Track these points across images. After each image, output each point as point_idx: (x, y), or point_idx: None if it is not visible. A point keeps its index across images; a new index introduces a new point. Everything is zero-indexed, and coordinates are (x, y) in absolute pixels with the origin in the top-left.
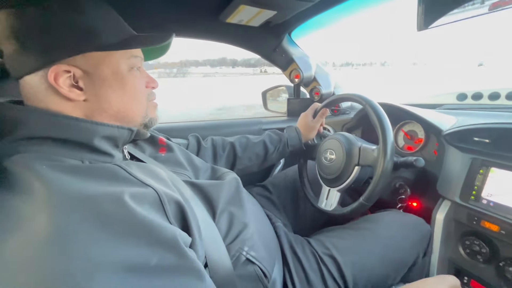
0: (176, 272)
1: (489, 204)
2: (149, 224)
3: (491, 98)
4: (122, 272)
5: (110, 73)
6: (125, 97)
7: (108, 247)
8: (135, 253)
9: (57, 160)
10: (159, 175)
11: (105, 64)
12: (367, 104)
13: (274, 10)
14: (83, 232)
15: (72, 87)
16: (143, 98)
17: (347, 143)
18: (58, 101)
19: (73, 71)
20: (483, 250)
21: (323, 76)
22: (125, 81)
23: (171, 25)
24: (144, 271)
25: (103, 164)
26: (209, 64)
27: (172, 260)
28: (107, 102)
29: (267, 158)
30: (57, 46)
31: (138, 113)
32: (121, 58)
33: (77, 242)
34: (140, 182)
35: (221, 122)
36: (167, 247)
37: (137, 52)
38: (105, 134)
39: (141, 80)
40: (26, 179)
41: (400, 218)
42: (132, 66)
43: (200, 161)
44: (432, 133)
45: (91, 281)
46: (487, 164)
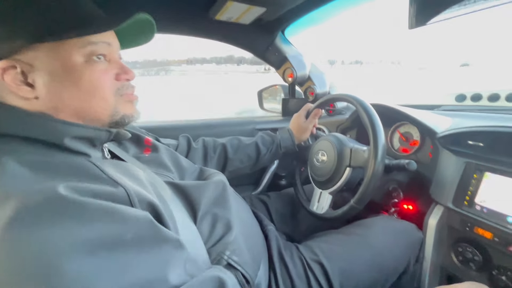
0: (152, 243)
1: (482, 210)
2: (112, 207)
3: (491, 100)
4: (93, 251)
5: (60, 66)
6: (81, 93)
7: (73, 229)
8: (105, 231)
9: (26, 155)
10: (135, 175)
11: (52, 56)
12: (358, 104)
13: (263, 7)
14: (43, 220)
15: (22, 84)
16: (107, 93)
17: (339, 144)
18: (14, 99)
19: (19, 66)
20: (476, 258)
21: (318, 76)
22: (78, 74)
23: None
24: (118, 246)
25: (74, 160)
26: (216, 61)
27: (146, 232)
28: (60, 100)
29: (259, 159)
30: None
31: (101, 111)
32: (73, 47)
33: (40, 229)
34: (112, 180)
35: (214, 122)
36: (139, 222)
37: (98, 37)
38: (78, 135)
39: (105, 72)
40: None
41: (392, 224)
42: (90, 54)
43: (188, 162)
44: (427, 135)
45: (64, 264)
46: (481, 169)
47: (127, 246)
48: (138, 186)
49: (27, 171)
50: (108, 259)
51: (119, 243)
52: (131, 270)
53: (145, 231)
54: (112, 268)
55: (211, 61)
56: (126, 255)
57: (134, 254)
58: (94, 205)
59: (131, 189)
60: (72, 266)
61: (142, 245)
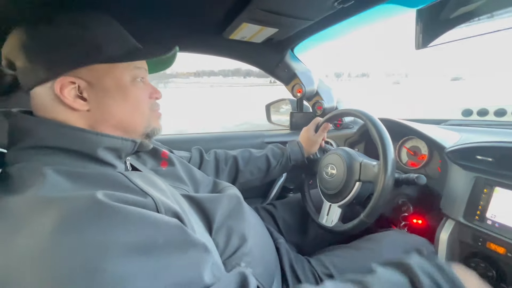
0: (183, 247)
1: (494, 225)
2: (145, 213)
3: (497, 115)
4: (131, 253)
5: (113, 84)
6: (127, 107)
7: (112, 232)
8: (141, 235)
9: (63, 166)
10: (159, 186)
11: (108, 75)
12: (367, 119)
13: (275, 28)
14: (85, 224)
15: (77, 98)
16: (145, 109)
17: (348, 158)
18: (64, 111)
19: (77, 82)
20: (490, 273)
21: (325, 91)
22: (127, 92)
23: (176, 41)
24: (153, 249)
25: (105, 171)
26: (223, 74)
27: (177, 237)
28: (110, 112)
29: (269, 172)
30: (63, 60)
31: (140, 123)
32: (124, 70)
33: (82, 233)
34: (141, 190)
35: (225, 135)
36: (170, 227)
37: (140, 63)
38: (109, 145)
39: (144, 91)
40: (31, 182)
41: (403, 238)
42: (135, 77)
43: (202, 175)
44: (435, 149)
45: (106, 265)
46: (491, 184)
47: (161, 249)
48: (163, 197)
49: (65, 180)
50: (145, 261)
51: (153, 247)
52: (167, 272)
53: (176, 236)
54: (149, 269)
55: (218, 73)
56: (161, 258)
57: (168, 257)
58: (129, 211)
59: (158, 199)
60: (113, 268)
61: (175, 248)
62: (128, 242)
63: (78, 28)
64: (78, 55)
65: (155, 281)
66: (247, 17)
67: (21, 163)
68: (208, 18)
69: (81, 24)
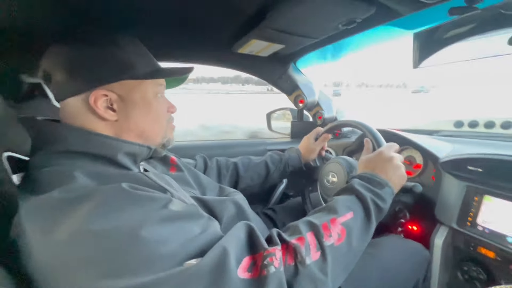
0: (199, 217)
1: (484, 230)
2: (167, 195)
3: (487, 127)
4: (162, 223)
5: (140, 98)
6: (150, 119)
7: (141, 211)
8: (164, 210)
9: (89, 168)
10: (174, 186)
11: (136, 90)
12: (367, 131)
13: (282, 44)
14: (115, 207)
15: (107, 109)
16: (164, 121)
17: (348, 167)
18: (93, 120)
19: (109, 95)
20: (481, 276)
21: (326, 102)
22: (151, 105)
23: (188, 55)
24: (176, 219)
25: (125, 172)
26: (222, 81)
27: (197, 212)
28: (135, 122)
29: (268, 177)
30: (99, 75)
31: (159, 134)
32: (149, 86)
33: (113, 214)
34: (160, 186)
35: (228, 142)
36: (189, 206)
37: (162, 81)
38: (127, 151)
39: (164, 105)
40: (63, 182)
41: (400, 243)
42: (157, 92)
43: (207, 180)
44: (430, 159)
45: (142, 232)
46: (481, 192)
47: (184, 219)
48: (179, 194)
49: (93, 180)
50: (173, 228)
51: (177, 217)
52: (192, 235)
53: (196, 212)
54: (178, 233)
55: (217, 80)
56: (184, 224)
57: (188, 223)
58: (153, 194)
59: (176, 195)
60: (150, 234)
61: (196, 218)
62: (157, 215)
63: (113, 47)
64: (114, 71)
65: (184, 241)
66: (257, 35)
67: (51, 167)
68: (220, 35)
69: (116, 44)
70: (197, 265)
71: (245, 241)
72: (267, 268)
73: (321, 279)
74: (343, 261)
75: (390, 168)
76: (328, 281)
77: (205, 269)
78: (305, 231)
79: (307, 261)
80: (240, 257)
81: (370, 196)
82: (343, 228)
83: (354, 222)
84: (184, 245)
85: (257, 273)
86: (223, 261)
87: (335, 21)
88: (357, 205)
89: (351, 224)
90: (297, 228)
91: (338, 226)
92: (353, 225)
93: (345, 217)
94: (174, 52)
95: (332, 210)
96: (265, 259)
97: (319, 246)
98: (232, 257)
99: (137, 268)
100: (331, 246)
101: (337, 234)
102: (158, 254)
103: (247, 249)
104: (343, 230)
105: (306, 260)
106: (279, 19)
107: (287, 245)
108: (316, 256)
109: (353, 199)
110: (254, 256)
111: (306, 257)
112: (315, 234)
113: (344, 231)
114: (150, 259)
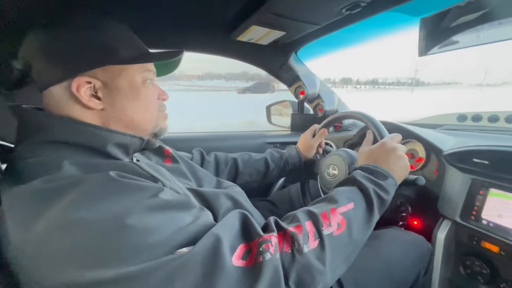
0: (190, 206)
1: (489, 224)
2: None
3: (491, 121)
4: (151, 212)
5: (126, 85)
6: (139, 107)
7: (129, 198)
8: (154, 198)
9: (77, 158)
10: (167, 175)
11: (122, 76)
12: (369, 121)
13: (283, 31)
14: (101, 195)
15: (92, 97)
16: (154, 109)
17: (349, 159)
18: (78, 110)
19: (93, 82)
20: (484, 271)
21: (327, 94)
22: (139, 92)
23: (184, 42)
24: (166, 208)
25: (117, 161)
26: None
27: (188, 201)
28: (122, 111)
29: (268, 174)
30: (80, 61)
31: (149, 122)
32: (136, 72)
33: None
34: (151, 175)
35: (226, 134)
36: (181, 195)
37: (150, 66)
38: (118, 141)
39: (153, 92)
40: (49, 172)
41: (401, 236)
42: (145, 79)
43: (204, 173)
44: (433, 152)
45: (129, 220)
46: (486, 185)
47: (174, 208)
48: (171, 184)
49: (81, 170)
50: (161, 216)
51: (167, 206)
52: (183, 224)
53: (188, 201)
54: (168, 222)
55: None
56: (174, 213)
57: (179, 212)
58: (142, 183)
59: (167, 185)
60: (138, 222)
61: (188, 208)
62: (145, 204)
63: (94, 31)
64: (95, 56)
65: (172, 231)
66: (257, 20)
67: (37, 158)
68: (218, 20)
69: (97, 27)
70: (189, 253)
71: (239, 228)
72: (262, 255)
73: (319, 268)
74: (342, 251)
75: (393, 159)
76: (326, 271)
77: (197, 257)
78: (304, 219)
79: (305, 249)
80: (234, 245)
81: (373, 187)
82: (343, 218)
83: (355, 213)
84: (174, 234)
85: (252, 260)
86: (217, 248)
87: (338, 4)
88: (358, 196)
89: (352, 214)
90: (296, 217)
91: (338, 216)
92: (354, 216)
93: (346, 207)
94: (169, 38)
95: (333, 200)
96: (261, 245)
97: (318, 234)
98: (225, 245)
99: (124, 257)
100: (330, 235)
101: (337, 224)
102: (147, 243)
103: (242, 236)
104: (343, 220)
105: (303, 248)
106: (279, 3)
107: (284, 233)
108: (314, 244)
109: (354, 190)
110: (249, 243)
111: (303, 245)
112: (314, 223)
113: (344, 221)
114: (138, 247)
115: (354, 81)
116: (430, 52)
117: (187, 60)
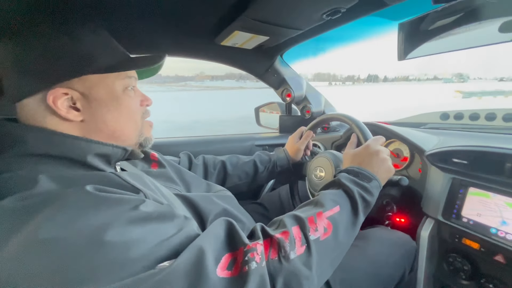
0: (173, 217)
1: (469, 222)
2: (137, 196)
3: (472, 119)
4: (130, 224)
5: (106, 94)
6: (121, 116)
7: (116, 212)
8: (135, 211)
9: (55, 172)
10: (150, 185)
11: (100, 85)
12: (353, 124)
13: (266, 36)
14: (76, 211)
15: (70, 109)
16: (137, 117)
17: (335, 161)
18: (57, 122)
19: (70, 93)
20: (465, 267)
21: (313, 95)
22: (120, 101)
23: (168, 46)
24: (147, 221)
25: (97, 173)
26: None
27: (169, 212)
28: (103, 122)
29: (257, 177)
30: (55, 71)
31: (133, 132)
32: (116, 80)
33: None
34: (132, 186)
35: (214, 138)
36: (162, 206)
37: (131, 72)
38: (98, 152)
39: (136, 99)
40: (24, 188)
41: (387, 235)
42: (126, 86)
43: (192, 176)
44: (416, 152)
45: (107, 236)
46: (465, 184)
47: (156, 220)
48: (154, 194)
49: (57, 183)
50: (142, 229)
51: (148, 219)
52: (165, 236)
53: (170, 212)
54: (149, 235)
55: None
56: (156, 225)
57: (161, 224)
58: (120, 196)
59: (150, 196)
60: (117, 237)
61: (170, 219)
62: (125, 217)
63: (68, 39)
64: (70, 66)
65: (153, 245)
66: (240, 26)
67: (12, 172)
68: (201, 25)
69: (70, 34)
70: (170, 267)
71: (224, 237)
72: (248, 264)
73: (306, 274)
74: (329, 255)
75: (377, 161)
76: (313, 276)
77: (180, 271)
78: (291, 225)
79: (291, 256)
80: (218, 255)
81: (357, 190)
82: (330, 222)
83: (341, 216)
84: (156, 247)
85: (237, 270)
86: (200, 261)
87: (318, 11)
88: (344, 199)
89: (338, 218)
90: (282, 222)
91: (324, 220)
92: (340, 219)
93: (332, 211)
94: (152, 43)
95: (319, 204)
96: (246, 255)
97: (305, 240)
98: (209, 256)
99: (101, 275)
100: (316, 240)
101: (323, 228)
102: (126, 258)
103: (226, 246)
104: (330, 224)
105: (290, 254)
106: (260, 9)
107: (271, 239)
108: (301, 250)
109: (339, 193)
110: (234, 253)
111: (290, 252)
112: (301, 228)
113: (330, 225)
114: (117, 264)
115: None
116: (408, 57)
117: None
